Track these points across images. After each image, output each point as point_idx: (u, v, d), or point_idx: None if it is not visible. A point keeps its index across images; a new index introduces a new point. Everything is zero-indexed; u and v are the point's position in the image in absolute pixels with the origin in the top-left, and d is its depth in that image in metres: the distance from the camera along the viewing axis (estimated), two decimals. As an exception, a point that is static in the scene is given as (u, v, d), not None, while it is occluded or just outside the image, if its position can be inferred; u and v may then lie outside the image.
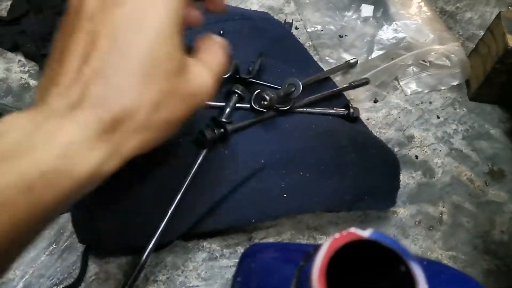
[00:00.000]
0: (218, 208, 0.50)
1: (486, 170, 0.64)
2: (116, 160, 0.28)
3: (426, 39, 0.74)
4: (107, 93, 0.28)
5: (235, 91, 0.55)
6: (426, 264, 0.26)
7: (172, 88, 0.29)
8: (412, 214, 0.59)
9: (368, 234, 0.20)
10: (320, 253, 0.18)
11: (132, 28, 0.29)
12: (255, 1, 0.83)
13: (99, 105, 0.27)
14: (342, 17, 0.80)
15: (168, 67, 0.29)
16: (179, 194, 0.49)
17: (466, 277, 0.28)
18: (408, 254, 0.19)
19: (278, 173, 0.51)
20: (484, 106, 0.72)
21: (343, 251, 0.20)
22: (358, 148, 0.55)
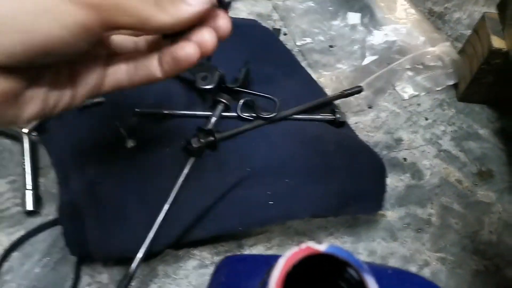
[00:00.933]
0: (206, 217, 0.51)
1: (475, 170, 0.65)
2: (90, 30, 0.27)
3: (417, 42, 0.75)
4: None
5: (220, 101, 0.56)
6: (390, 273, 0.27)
7: None
8: (401, 216, 0.60)
9: (324, 248, 0.20)
10: (277, 268, 0.19)
11: None
12: (244, 9, 0.84)
13: None
14: (329, 26, 0.81)
15: None
16: (167, 204, 0.50)
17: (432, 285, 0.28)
18: (363, 266, 0.20)
19: (264, 181, 0.52)
20: (473, 106, 0.72)
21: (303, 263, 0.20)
22: (344, 153, 0.55)
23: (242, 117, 0.57)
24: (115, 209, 0.50)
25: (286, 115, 0.59)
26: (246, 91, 0.58)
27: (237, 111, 0.57)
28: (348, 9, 0.83)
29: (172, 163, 0.52)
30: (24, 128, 0.57)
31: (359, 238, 0.57)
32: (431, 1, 0.88)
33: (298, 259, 0.20)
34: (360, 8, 0.83)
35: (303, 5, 0.85)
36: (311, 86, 0.66)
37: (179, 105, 0.57)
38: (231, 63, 0.62)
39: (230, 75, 0.60)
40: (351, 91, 0.64)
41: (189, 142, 0.52)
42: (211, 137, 0.52)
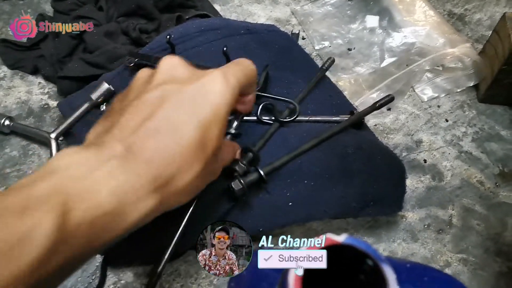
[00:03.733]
0: (226, 219, 0.52)
1: (497, 172, 0.64)
2: (158, 213, 0.31)
3: (436, 43, 0.75)
4: (161, 153, 0.31)
5: None
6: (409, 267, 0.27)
7: (210, 164, 0.35)
8: (421, 218, 0.60)
9: (343, 239, 0.21)
10: (296, 258, 0.20)
11: (196, 102, 0.34)
12: (262, 14, 0.85)
13: (153, 161, 0.31)
14: (348, 30, 0.81)
15: (214, 146, 0.34)
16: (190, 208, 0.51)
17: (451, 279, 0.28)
18: (381, 257, 0.20)
19: (284, 183, 0.53)
20: (494, 107, 0.72)
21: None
22: (363, 155, 0.56)
23: (262, 120, 0.58)
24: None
25: (305, 118, 0.60)
26: (265, 95, 0.59)
27: (257, 115, 0.58)
28: (367, 12, 0.84)
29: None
30: (52, 133, 0.59)
31: (380, 239, 0.57)
32: (451, 3, 0.88)
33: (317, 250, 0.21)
34: (378, 11, 0.83)
35: (321, 9, 0.86)
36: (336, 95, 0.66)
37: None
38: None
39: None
40: (383, 101, 0.59)
41: (230, 186, 0.49)
42: (259, 173, 0.50)
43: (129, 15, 0.69)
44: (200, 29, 0.67)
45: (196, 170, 0.33)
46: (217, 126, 0.34)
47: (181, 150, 0.32)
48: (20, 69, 0.70)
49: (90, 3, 0.72)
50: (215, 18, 0.77)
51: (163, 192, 0.31)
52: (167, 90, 0.34)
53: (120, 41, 0.66)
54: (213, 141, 0.34)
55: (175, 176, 0.32)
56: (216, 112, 0.34)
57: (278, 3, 0.88)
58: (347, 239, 0.21)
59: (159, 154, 0.31)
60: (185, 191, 0.33)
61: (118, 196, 0.28)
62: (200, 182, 0.35)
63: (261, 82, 0.60)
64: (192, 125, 0.33)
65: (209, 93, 0.35)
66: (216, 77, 0.36)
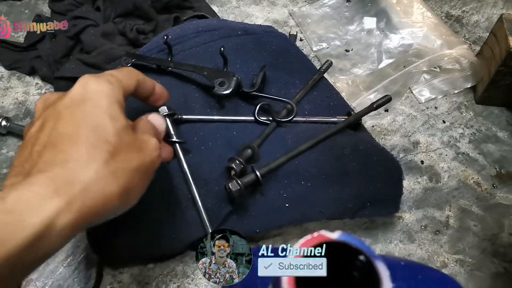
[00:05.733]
0: (224, 220, 0.52)
1: (494, 173, 0.64)
2: (71, 213, 0.31)
3: (433, 45, 0.75)
4: (55, 159, 0.33)
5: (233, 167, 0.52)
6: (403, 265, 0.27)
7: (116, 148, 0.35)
8: (418, 219, 0.59)
9: (337, 236, 0.21)
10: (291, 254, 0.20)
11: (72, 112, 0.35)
12: (260, 16, 0.85)
13: (48, 168, 0.32)
14: (346, 31, 0.81)
15: (111, 132, 0.35)
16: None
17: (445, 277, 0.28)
18: (374, 254, 0.20)
19: (281, 184, 0.53)
20: (491, 108, 0.72)
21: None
22: (360, 156, 0.56)
23: (259, 121, 0.58)
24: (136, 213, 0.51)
25: (302, 118, 0.60)
26: (262, 95, 0.59)
27: (254, 115, 0.58)
28: (364, 14, 0.84)
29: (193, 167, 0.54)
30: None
31: (376, 240, 0.57)
32: (449, 4, 0.88)
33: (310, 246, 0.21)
34: (376, 13, 0.83)
35: (319, 11, 0.86)
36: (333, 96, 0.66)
37: (197, 110, 0.58)
38: (248, 69, 0.64)
39: (247, 80, 0.62)
40: (380, 102, 0.60)
41: (227, 187, 0.49)
42: (256, 175, 0.50)
43: (126, 15, 0.69)
44: (197, 30, 0.67)
45: (96, 164, 0.33)
46: (102, 114, 0.35)
47: (71, 148, 0.33)
48: (17, 69, 0.70)
49: (87, 3, 0.72)
50: (212, 19, 0.77)
51: (68, 191, 0.31)
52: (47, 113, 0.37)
53: (117, 42, 0.66)
54: (106, 129, 0.35)
55: (75, 171, 0.32)
56: (95, 103, 0.36)
57: (276, 4, 0.88)
58: (341, 236, 0.21)
59: (50, 160, 0.33)
60: (96, 188, 0.33)
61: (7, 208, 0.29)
62: (119, 163, 0.35)
63: (258, 82, 0.60)
64: (78, 127, 0.34)
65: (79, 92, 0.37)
66: (82, 79, 0.38)
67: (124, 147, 0.36)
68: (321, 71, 0.67)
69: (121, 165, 0.35)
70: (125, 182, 0.35)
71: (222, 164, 0.53)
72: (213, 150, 0.55)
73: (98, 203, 0.32)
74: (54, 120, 0.35)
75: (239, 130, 0.57)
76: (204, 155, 0.54)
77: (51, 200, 0.30)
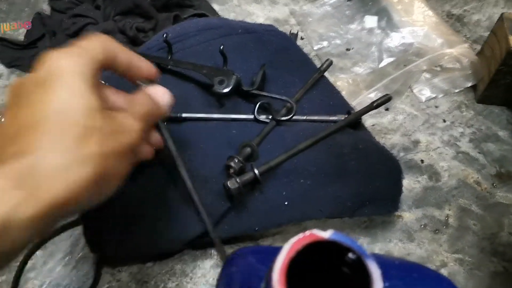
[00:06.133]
0: (223, 218, 0.52)
1: (494, 172, 0.64)
2: (33, 205, 0.29)
3: (434, 44, 0.75)
4: (18, 149, 0.30)
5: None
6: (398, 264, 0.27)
7: (87, 131, 0.32)
8: (418, 218, 0.59)
9: (328, 235, 0.21)
10: (282, 254, 0.20)
11: (35, 96, 0.32)
12: (261, 14, 0.85)
13: (11, 160, 0.30)
14: (346, 30, 0.81)
15: (79, 115, 0.32)
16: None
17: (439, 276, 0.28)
18: (366, 252, 0.20)
19: (280, 182, 0.53)
20: (492, 108, 0.72)
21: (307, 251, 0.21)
22: (359, 155, 0.56)
23: (258, 120, 0.58)
24: (134, 211, 0.51)
25: (302, 117, 0.59)
26: (262, 94, 0.59)
27: (254, 113, 0.58)
28: (365, 12, 0.84)
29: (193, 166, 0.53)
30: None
31: (376, 239, 0.57)
32: (450, 3, 0.88)
33: (302, 246, 0.21)
34: (377, 12, 0.83)
35: (320, 9, 0.86)
36: (333, 95, 0.66)
37: (197, 108, 0.58)
38: (248, 67, 0.63)
39: (247, 79, 0.61)
40: (380, 101, 0.59)
41: (225, 185, 0.49)
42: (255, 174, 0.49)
43: (126, 13, 0.69)
44: (197, 28, 0.67)
45: (62, 150, 0.30)
46: (69, 95, 0.32)
47: (33, 135, 0.30)
48: (17, 67, 0.70)
49: (87, 1, 0.72)
50: (212, 17, 0.77)
51: (28, 184, 0.29)
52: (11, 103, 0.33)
53: (117, 40, 0.66)
54: (74, 111, 0.32)
55: (38, 164, 0.29)
56: (61, 83, 0.32)
57: (277, 3, 0.88)
58: (332, 235, 0.21)
59: (12, 149, 0.30)
60: (64, 176, 0.30)
61: None
62: (89, 148, 0.31)
63: (258, 81, 0.60)
64: (41, 112, 0.31)
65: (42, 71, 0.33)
66: (45, 55, 0.34)
67: (96, 130, 0.32)
68: (321, 70, 0.67)
69: (94, 149, 0.31)
70: (99, 167, 0.31)
71: (221, 162, 0.53)
72: (213, 148, 0.55)
73: (68, 191, 0.30)
74: (17, 108, 0.32)
75: (238, 128, 0.57)
76: (204, 153, 0.54)
77: (10, 193, 0.28)
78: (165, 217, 0.52)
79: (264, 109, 0.60)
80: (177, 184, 0.53)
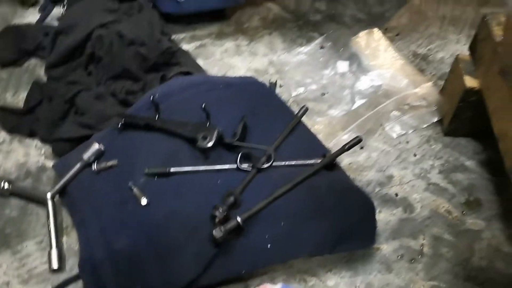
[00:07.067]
0: (211, 264, 0.56)
1: (463, 200, 0.69)
2: None
3: (401, 84, 0.81)
4: None
5: None
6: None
7: None
8: (395, 249, 0.64)
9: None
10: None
11: None
12: (242, 66, 0.92)
13: None
14: (321, 75, 0.88)
15: None
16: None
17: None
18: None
19: (262, 226, 0.57)
20: (458, 139, 0.77)
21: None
22: (334, 195, 0.61)
23: (241, 169, 0.63)
24: (131, 263, 0.56)
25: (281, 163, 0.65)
26: (243, 145, 0.65)
27: (236, 163, 0.64)
28: (337, 58, 0.91)
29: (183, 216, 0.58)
30: (48, 193, 0.65)
31: (357, 272, 0.62)
32: (415, 44, 0.95)
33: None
34: (348, 57, 0.90)
35: (296, 58, 0.92)
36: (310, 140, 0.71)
37: (184, 162, 0.63)
38: (230, 119, 0.69)
39: (230, 130, 0.67)
40: (351, 143, 0.65)
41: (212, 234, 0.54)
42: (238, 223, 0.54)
43: (117, 78, 0.75)
44: (182, 86, 0.74)
45: None
46: None
47: None
48: (18, 133, 0.76)
49: (80, 68, 0.79)
50: (196, 75, 0.83)
51: None
52: None
53: (109, 103, 0.73)
54: None
55: None
56: None
57: (256, 54, 0.94)
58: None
59: None
60: None
61: None
62: None
63: (239, 133, 0.66)
64: None
65: None
66: None
67: None
68: (298, 116, 0.73)
69: None
70: None
71: (208, 211, 0.58)
72: (200, 199, 0.60)
73: None
74: None
75: (223, 178, 0.62)
76: (192, 204, 0.59)
77: None
78: (155, 265, 0.56)
79: (246, 157, 0.65)
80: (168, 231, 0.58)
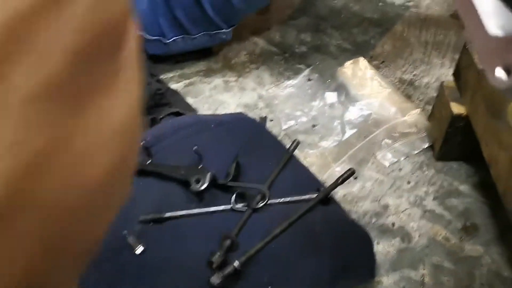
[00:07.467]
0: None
1: (460, 226, 0.69)
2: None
3: (389, 113, 0.83)
4: None
5: None
6: None
7: None
8: (396, 281, 0.64)
9: None
10: None
11: None
12: (232, 102, 0.93)
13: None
14: (310, 107, 0.89)
15: None
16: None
17: None
18: None
19: (260, 268, 0.57)
20: (450, 164, 0.78)
21: None
22: (331, 230, 0.61)
23: (235, 209, 0.63)
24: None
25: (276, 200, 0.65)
26: (237, 185, 0.65)
27: (231, 204, 0.64)
28: (325, 89, 0.92)
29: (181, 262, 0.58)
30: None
31: (359, 308, 0.61)
32: (400, 70, 0.96)
33: None
34: (336, 88, 0.92)
35: (285, 91, 0.94)
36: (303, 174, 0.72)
37: (178, 205, 0.64)
38: (223, 159, 0.69)
39: (223, 170, 0.67)
40: (344, 176, 0.65)
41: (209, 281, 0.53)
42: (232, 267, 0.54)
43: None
44: (173, 128, 0.74)
45: None
46: None
47: None
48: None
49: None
50: (187, 115, 0.84)
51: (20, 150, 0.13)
52: None
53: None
54: None
55: None
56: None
57: (246, 89, 0.96)
58: None
59: None
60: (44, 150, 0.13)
61: None
62: None
63: (232, 173, 0.66)
64: None
65: None
66: None
67: None
68: (290, 151, 0.73)
69: None
70: None
71: (205, 255, 0.58)
72: (196, 243, 0.59)
73: None
74: None
75: (218, 220, 0.62)
76: (188, 250, 0.59)
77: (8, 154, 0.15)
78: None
79: (241, 196, 0.65)
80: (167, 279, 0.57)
